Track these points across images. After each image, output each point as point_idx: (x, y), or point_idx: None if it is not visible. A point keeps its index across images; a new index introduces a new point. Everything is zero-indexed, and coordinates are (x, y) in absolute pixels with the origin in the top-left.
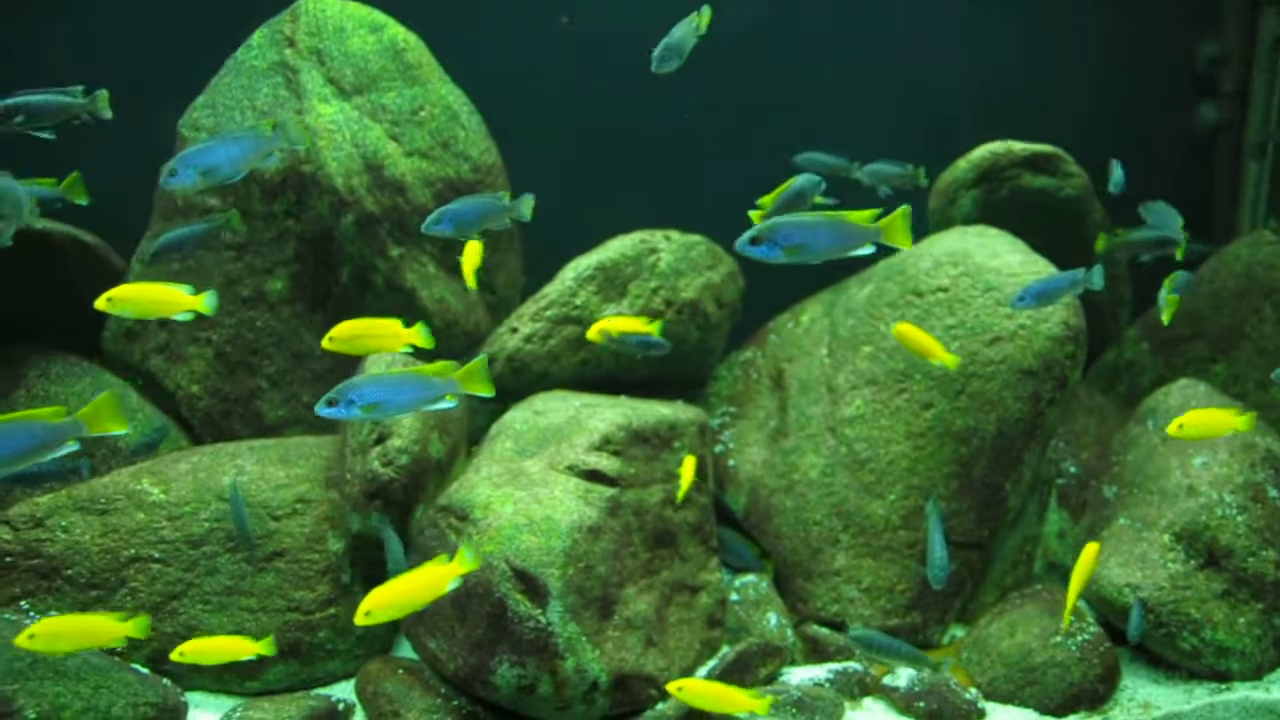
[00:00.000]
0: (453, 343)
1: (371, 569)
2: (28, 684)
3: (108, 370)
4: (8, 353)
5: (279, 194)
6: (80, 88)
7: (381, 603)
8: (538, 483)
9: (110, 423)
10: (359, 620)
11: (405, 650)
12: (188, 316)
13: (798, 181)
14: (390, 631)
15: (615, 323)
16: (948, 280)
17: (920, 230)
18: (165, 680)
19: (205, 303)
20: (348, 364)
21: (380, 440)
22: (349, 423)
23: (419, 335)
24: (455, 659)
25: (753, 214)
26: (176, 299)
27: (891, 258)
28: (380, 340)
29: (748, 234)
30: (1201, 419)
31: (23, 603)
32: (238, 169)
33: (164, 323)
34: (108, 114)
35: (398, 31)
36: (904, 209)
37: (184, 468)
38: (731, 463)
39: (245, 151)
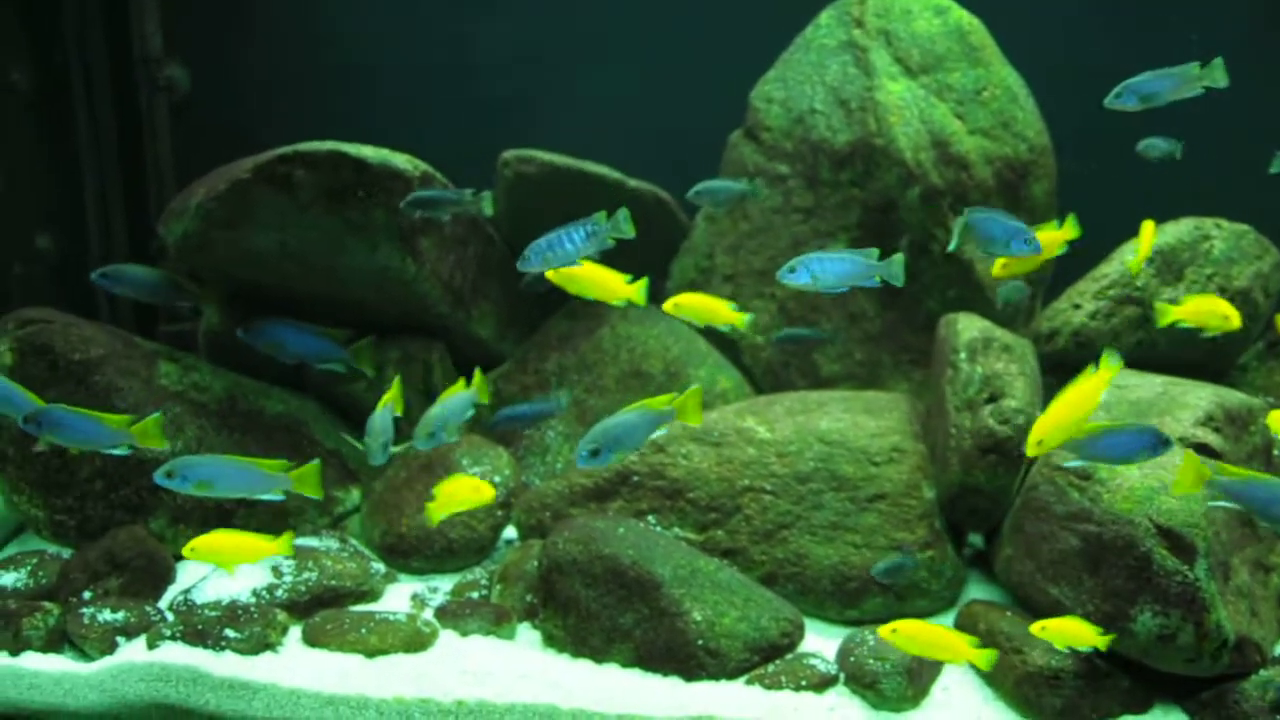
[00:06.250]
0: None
1: (970, 517)
2: (692, 590)
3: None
4: None
5: (847, 163)
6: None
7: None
8: None
9: (311, 488)
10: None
11: (969, 595)
12: (727, 329)
13: None
14: (962, 581)
15: (1198, 304)
16: None
17: None
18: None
19: (743, 321)
20: (902, 327)
21: (992, 399)
22: (949, 379)
23: None
24: (1084, 605)
25: None
26: (725, 314)
27: None
28: None
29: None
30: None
31: (650, 517)
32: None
33: (729, 276)
34: (489, 212)
35: (961, 15)
36: (696, 389)
37: (780, 410)
38: (1276, 453)
39: (586, 236)
